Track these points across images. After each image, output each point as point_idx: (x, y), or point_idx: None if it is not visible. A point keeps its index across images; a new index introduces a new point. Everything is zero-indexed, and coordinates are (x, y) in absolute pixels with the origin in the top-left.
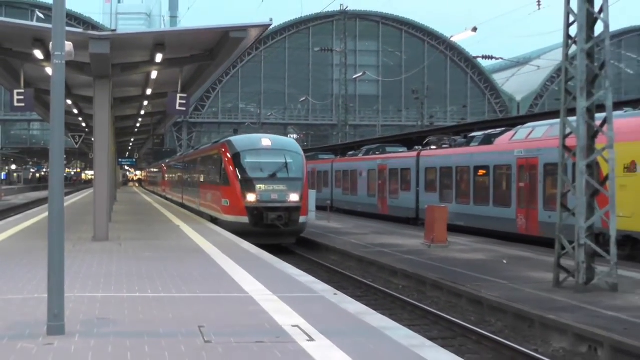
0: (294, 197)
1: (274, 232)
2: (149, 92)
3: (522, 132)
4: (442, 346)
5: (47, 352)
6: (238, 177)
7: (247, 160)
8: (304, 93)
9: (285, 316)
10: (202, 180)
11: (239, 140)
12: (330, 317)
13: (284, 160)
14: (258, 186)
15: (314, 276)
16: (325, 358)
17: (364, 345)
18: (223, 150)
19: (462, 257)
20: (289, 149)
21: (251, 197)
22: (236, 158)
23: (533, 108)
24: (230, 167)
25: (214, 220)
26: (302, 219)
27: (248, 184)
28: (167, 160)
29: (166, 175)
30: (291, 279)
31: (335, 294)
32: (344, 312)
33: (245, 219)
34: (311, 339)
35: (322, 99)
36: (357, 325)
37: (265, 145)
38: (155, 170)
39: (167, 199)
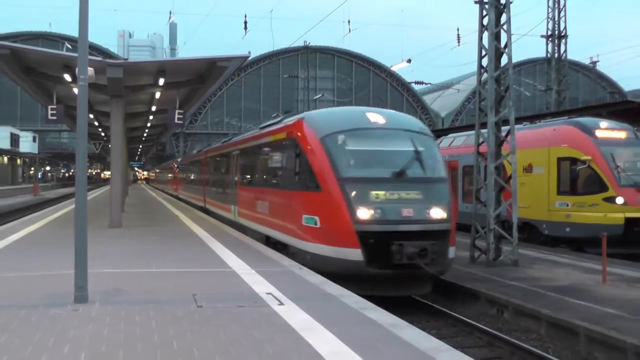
0: (439, 213)
1: (407, 276)
2: (153, 108)
3: (446, 140)
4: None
5: (73, 316)
6: (337, 176)
7: (350, 147)
8: (275, 110)
9: (261, 286)
10: (246, 179)
11: (328, 115)
12: (296, 286)
13: (413, 148)
14: (376, 193)
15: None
16: (292, 317)
17: (322, 308)
18: (299, 132)
19: None
20: (414, 128)
21: (365, 213)
22: (329, 144)
23: (454, 122)
24: (319, 159)
25: (273, 245)
26: (451, 251)
27: (358, 190)
28: (179, 159)
29: (180, 172)
30: (265, 257)
31: (300, 268)
32: (307, 282)
33: (355, 254)
34: (281, 304)
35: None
36: (318, 293)
37: (376, 123)
38: (167, 167)
39: (180, 199)
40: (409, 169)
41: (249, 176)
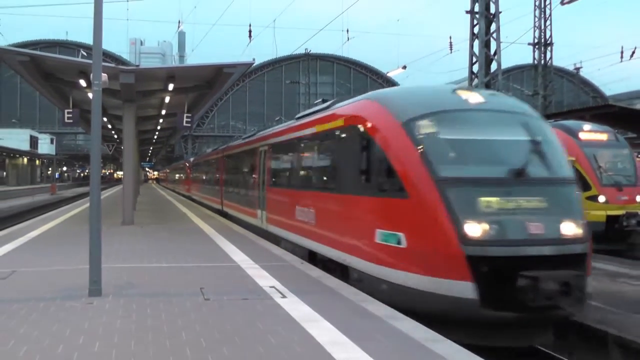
0: (574, 229)
1: (535, 320)
2: (163, 112)
3: None
4: None
5: (88, 308)
6: (433, 176)
7: (447, 135)
8: (278, 114)
9: (264, 279)
10: (280, 179)
11: (408, 94)
12: (298, 280)
13: (529, 137)
14: (488, 200)
15: None
16: (294, 310)
17: (323, 300)
18: (370, 116)
19: None
20: (524, 111)
21: (477, 230)
22: (416, 131)
23: None
24: (404, 151)
25: (322, 264)
26: (588, 282)
27: (464, 195)
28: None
29: (194, 172)
30: (269, 251)
31: (302, 263)
32: (308, 276)
33: (463, 289)
34: (284, 296)
35: (292, 118)
36: (318, 286)
37: (475, 104)
38: (179, 167)
39: (194, 200)
40: (529, 166)
41: (285, 176)
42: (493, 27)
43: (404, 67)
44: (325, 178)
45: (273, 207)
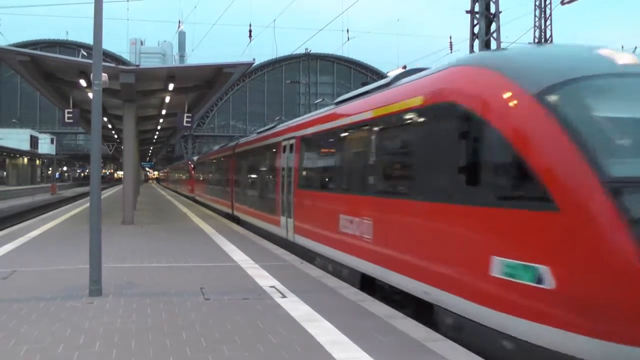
0: None
1: None
2: (163, 112)
3: None
4: None
5: (88, 308)
6: (600, 176)
7: (609, 112)
8: (278, 114)
9: (265, 279)
10: (317, 180)
11: (535, 55)
12: (298, 279)
13: None
14: None
15: None
16: (294, 309)
17: (323, 300)
18: (478, 87)
19: None
20: None
21: None
22: (561, 108)
23: None
24: (544, 137)
25: (380, 292)
26: None
27: None
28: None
29: (199, 171)
30: (269, 251)
31: (301, 263)
32: (307, 276)
33: None
34: (284, 296)
35: (292, 118)
36: (318, 285)
37: (635, 65)
38: (180, 166)
39: (198, 202)
40: None
41: (324, 176)
42: (493, 27)
43: (404, 67)
44: (393, 179)
45: (304, 214)
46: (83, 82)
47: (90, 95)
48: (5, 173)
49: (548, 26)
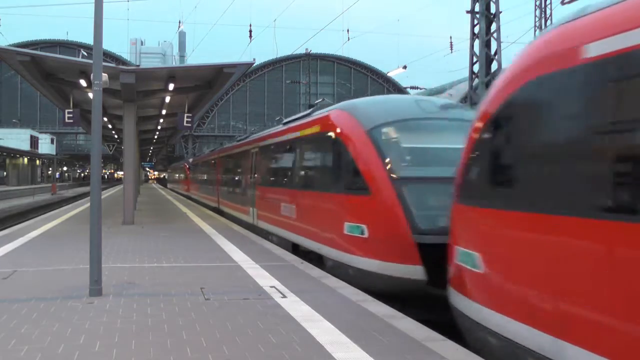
0: None
1: None
2: (163, 112)
3: None
4: None
5: (89, 308)
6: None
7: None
8: (279, 114)
9: (265, 279)
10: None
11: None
12: (298, 279)
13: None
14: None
15: None
16: (294, 309)
17: (323, 300)
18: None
19: None
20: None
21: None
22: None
23: None
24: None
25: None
26: None
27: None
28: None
29: (192, 172)
30: (269, 251)
31: (301, 263)
32: (307, 276)
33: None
34: (284, 296)
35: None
36: (318, 286)
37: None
38: (179, 166)
39: (192, 199)
40: None
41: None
42: (493, 27)
43: (405, 67)
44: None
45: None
46: (83, 82)
47: (91, 95)
48: (5, 173)
49: (548, 26)
